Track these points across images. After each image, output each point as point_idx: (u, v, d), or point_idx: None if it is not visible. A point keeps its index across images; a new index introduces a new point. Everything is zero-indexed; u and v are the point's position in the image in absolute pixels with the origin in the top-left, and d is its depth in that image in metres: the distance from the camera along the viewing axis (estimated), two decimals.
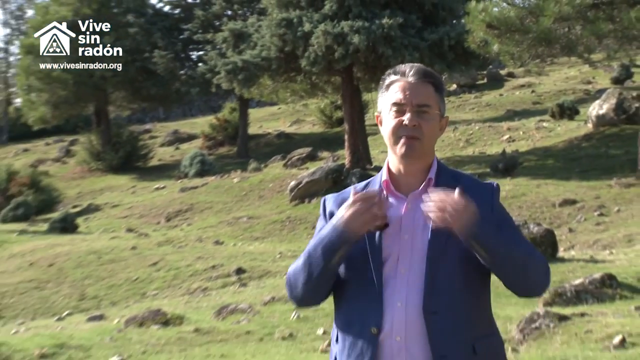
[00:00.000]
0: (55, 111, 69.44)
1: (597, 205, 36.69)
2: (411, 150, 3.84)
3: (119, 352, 20.06)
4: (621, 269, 21.87)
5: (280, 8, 50.95)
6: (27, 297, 30.96)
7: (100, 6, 66.89)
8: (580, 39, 42.51)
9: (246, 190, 50.91)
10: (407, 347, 3.74)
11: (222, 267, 31.83)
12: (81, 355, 20.20)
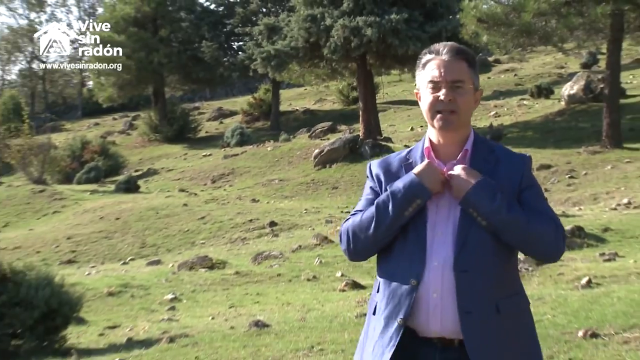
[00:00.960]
0: (120, 92, 69.53)
1: (568, 170, 36.66)
2: (448, 124, 3.77)
3: (173, 291, 20.09)
4: (588, 222, 21.81)
5: (306, 6, 50.98)
6: (98, 245, 31.00)
7: (157, 5, 66.82)
8: (555, 31, 43.22)
9: (277, 157, 50.80)
10: (442, 303, 3.67)
11: (258, 220, 31.82)
12: (142, 293, 20.19)
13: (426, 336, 3.72)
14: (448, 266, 3.67)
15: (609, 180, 33.62)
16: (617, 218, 22.75)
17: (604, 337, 9.70)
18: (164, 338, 13.65)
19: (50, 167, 50.03)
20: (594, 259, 17.82)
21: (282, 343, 11.76)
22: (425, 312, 3.70)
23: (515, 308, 3.79)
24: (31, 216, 38.03)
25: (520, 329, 3.78)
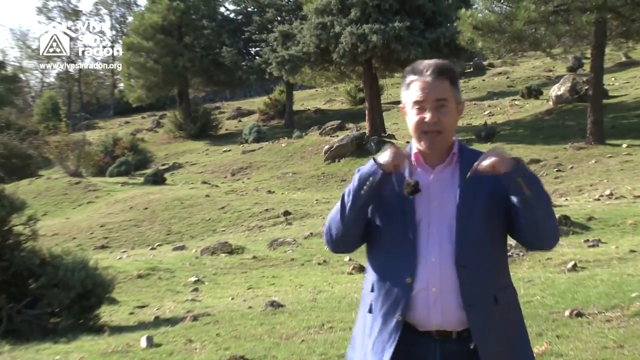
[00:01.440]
0: (148, 93, 69.67)
1: (555, 164, 36.70)
2: (433, 144, 3.71)
3: (196, 274, 20.12)
4: (574, 212, 21.81)
5: (317, 15, 50.95)
6: (128, 232, 31.05)
7: (182, 14, 66.90)
8: (543, 38, 43.42)
9: (291, 153, 50.81)
10: (442, 297, 3.63)
11: (273, 210, 31.83)
12: (168, 276, 20.23)
13: (426, 330, 3.68)
14: (446, 261, 3.64)
15: (592, 173, 33.68)
16: (600, 208, 22.75)
17: (588, 316, 9.69)
18: (188, 317, 13.68)
19: (85, 161, 50.13)
20: (579, 245, 17.85)
21: (295, 321, 11.77)
22: (425, 307, 3.66)
23: (508, 298, 3.77)
24: (68, 206, 38.10)
25: (512, 316, 3.76)
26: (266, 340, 10.75)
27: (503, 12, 42.84)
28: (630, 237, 18.45)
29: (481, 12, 44.25)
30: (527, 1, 40.37)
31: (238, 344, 10.70)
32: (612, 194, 27.03)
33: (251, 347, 10.38)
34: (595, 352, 8.25)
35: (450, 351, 3.65)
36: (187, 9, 67.51)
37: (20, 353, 12.03)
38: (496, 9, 43.40)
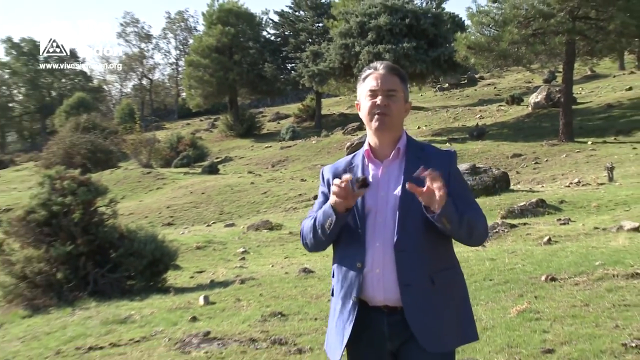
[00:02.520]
0: (205, 100, 69.78)
1: (533, 157, 36.65)
2: (382, 124, 3.66)
3: (243, 246, 20.13)
4: (548, 196, 21.73)
5: (341, 37, 51.13)
6: (189, 212, 31.12)
7: (232, 37, 66.93)
8: (524, 55, 43.76)
9: (320, 148, 50.74)
10: (384, 277, 3.56)
11: (305, 194, 31.81)
12: (221, 247, 20.24)
13: (375, 305, 3.62)
14: (388, 246, 3.57)
15: (564, 165, 33.74)
16: (570, 193, 22.68)
17: (560, 281, 9.65)
18: (237, 280, 13.69)
19: (154, 155, 50.31)
20: (553, 223, 17.77)
21: (323, 284, 11.77)
22: (371, 286, 3.60)
23: (448, 280, 3.68)
24: (141, 191, 38.21)
25: (453, 295, 3.68)
26: (299, 300, 10.75)
27: (491, 34, 43.15)
28: (594, 217, 18.40)
29: (473, 35, 44.52)
30: (511, 26, 41.01)
31: (277, 302, 10.71)
32: (579, 182, 26.99)
33: (287, 305, 10.39)
34: (566, 309, 8.21)
35: (396, 320, 3.58)
36: (237, 33, 67.59)
37: (104, 308, 12.07)
38: (486, 32, 43.75)
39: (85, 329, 10.71)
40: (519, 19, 41.38)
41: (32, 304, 13.87)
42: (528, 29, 41.36)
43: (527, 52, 42.77)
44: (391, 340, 3.63)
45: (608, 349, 6.74)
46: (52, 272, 14.00)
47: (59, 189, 14.37)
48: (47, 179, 14.69)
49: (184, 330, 9.53)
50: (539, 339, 7.29)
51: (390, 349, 3.67)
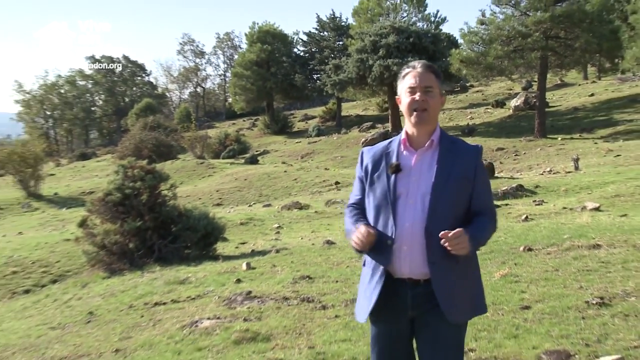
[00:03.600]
0: (247, 104, 69.80)
1: (514, 150, 36.49)
2: (421, 119, 3.53)
3: (278, 222, 20.13)
4: (526, 182, 21.63)
5: (357, 53, 50.91)
6: (234, 195, 31.17)
7: (269, 53, 67.19)
8: (506, 68, 44.12)
9: (340, 143, 50.64)
10: (411, 254, 3.47)
11: (328, 181, 31.78)
12: (259, 223, 20.24)
13: (399, 277, 3.54)
14: (417, 226, 3.47)
15: (538, 157, 33.63)
16: (544, 179, 22.57)
17: (535, 250, 9.60)
18: (273, 250, 13.70)
19: (206, 149, 50.45)
20: (530, 204, 17.72)
21: (343, 253, 11.75)
22: (398, 261, 3.51)
23: (468, 260, 3.54)
24: (195, 178, 38.30)
25: (470, 270, 3.61)
26: (323, 266, 10.75)
27: (480, 51, 43.46)
28: (563, 199, 18.35)
29: (465, 51, 44.82)
30: (495, 44, 41.94)
31: (305, 268, 10.71)
32: (551, 171, 26.90)
33: (314, 270, 10.38)
34: (540, 274, 8.18)
35: (419, 292, 3.51)
36: (273, 50, 67.59)
37: (166, 272, 12.13)
38: (475, 49, 43.92)
39: (152, 288, 10.77)
40: (502, 38, 42.12)
41: (110, 267, 14.01)
42: (509, 46, 42.03)
43: (508, 65, 43.60)
44: (413, 309, 3.57)
45: (574, 306, 6.75)
46: (125, 243, 14.13)
47: (131, 176, 14.46)
48: (121, 168, 14.78)
49: (230, 290, 9.55)
50: (518, 297, 7.27)
51: (410, 317, 3.61)
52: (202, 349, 6.98)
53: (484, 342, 5.96)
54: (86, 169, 54.63)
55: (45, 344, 8.76)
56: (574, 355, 5.47)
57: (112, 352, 7.62)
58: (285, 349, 6.59)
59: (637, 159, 27.03)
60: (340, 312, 7.66)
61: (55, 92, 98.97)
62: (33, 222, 29.43)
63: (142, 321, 8.81)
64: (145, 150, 44.55)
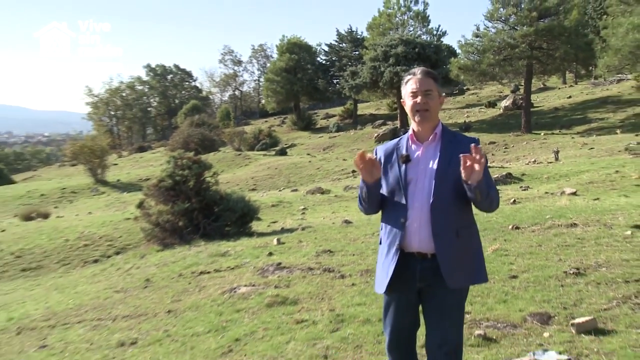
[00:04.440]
0: (277, 105, 69.84)
1: (504, 144, 36.27)
2: (423, 118, 3.55)
3: (303, 204, 20.14)
4: (514, 170, 21.48)
5: (371, 61, 50.80)
6: (266, 181, 31.21)
7: (296, 62, 67.19)
8: (497, 74, 44.55)
9: (356, 138, 50.52)
10: (419, 230, 3.49)
11: (346, 170, 31.75)
12: (288, 206, 20.24)
13: (411, 251, 3.56)
14: (425, 206, 3.49)
15: (524, 149, 33.45)
16: (529, 169, 22.40)
17: (522, 229, 9.55)
18: (299, 228, 13.71)
19: (243, 142, 50.51)
20: (517, 189, 17.59)
21: (359, 231, 11.74)
22: (409, 236, 3.53)
23: (468, 234, 3.58)
24: (234, 167, 38.39)
25: (471, 245, 3.60)
26: (342, 241, 10.74)
27: (475, 59, 43.76)
28: (545, 185, 18.21)
29: (462, 59, 45.02)
30: (488, 53, 42.60)
31: (326, 243, 10.71)
32: (535, 161, 26.73)
33: (334, 245, 10.38)
34: (525, 248, 8.13)
35: (426, 266, 3.51)
36: (299, 59, 67.56)
37: (210, 246, 12.18)
38: (471, 58, 44.22)
39: (198, 260, 10.82)
40: (494, 48, 42.59)
41: (163, 242, 14.10)
42: (500, 56, 42.47)
43: (499, 71, 44.18)
44: (420, 281, 3.58)
45: (554, 275, 6.75)
46: (175, 221, 14.20)
47: (180, 165, 14.51)
48: (172, 159, 14.84)
49: (263, 262, 9.58)
50: (507, 268, 7.24)
51: (418, 288, 3.61)
52: (240, 311, 7.03)
53: (478, 305, 5.99)
54: (143, 160, 54.94)
55: (111, 305, 8.87)
56: (554, 317, 5.51)
57: (165, 312, 7.70)
58: (310, 311, 6.63)
59: (608, 151, 26.88)
60: (357, 281, 7.67)
61: (118, 95, 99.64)
62: (100, 203, 29.68)
63: (189, 287, 8.87)
64: (192, 143, 44.64)
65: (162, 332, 6.81)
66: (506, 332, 5.31)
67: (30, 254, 16.34)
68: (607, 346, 4.74)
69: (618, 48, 35.72)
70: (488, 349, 4.95)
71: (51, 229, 18.84)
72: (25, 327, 8.64)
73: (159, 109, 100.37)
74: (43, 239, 17.68)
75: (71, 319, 8.51)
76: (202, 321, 6.91)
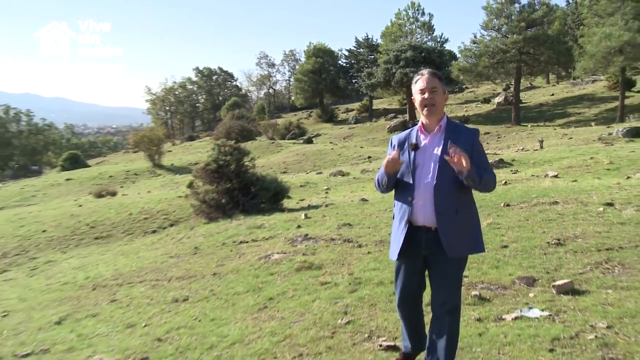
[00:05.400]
0: (305, 101, 69.82)
1: (497, 134, 36.01)
2: (430, 112, 3.56)
3: (327, 185, 20.06)
4: (505, 156, 21.26)
5: (384, 64, 50.61)
6: (295, 165, 31.19)
7: (320, 64, 66.88)
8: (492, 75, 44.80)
9: (371, 129, 50.36)
10: (424, 207, 3.53)
11: (362, 156, 31.61)
12: (314, 186, 20.20)
13: (417, 225, 3.58)
14: (429, 187, 3.50)
15: (514, 139, 33.28)
16: (518, 155, 22.18)
17: (512, 206, 9.47)
18: (323, 205, 13.71)
19: (276, 132, 50.55)
20: (508, 172, 17.42)
21: (374, 207, 11.72)
22: (416, 212, 3.56)
23: (467, 211, 3.58)
24: (268, 153, 38.41)
25: (469, 222, 3.61)
26: (359, 215, 10.73)
27: (472, 62, 43.98)
28: (531, 169, 18.04)
29: (462, 62, 45.21)
30: (484, 57, 43.32)
31: (346, 217, 10.70)
32: (523, 149, 26.51)
33: (352, 219, 10.38)
34: (515, 222, 8.09)
35: (430, 237, 3.53)
36: (323, 62, 67.49)
37: (247, 220, 12.22)
38: (469, 61, 44.44)
39: (238, 231, 10.88)
40: (489, 53, 43.01)
41: (209, 216, 14.18)
42: (494, 59, 42.98)
43: (493, 73, 44.52)
44: (425, 249, 3.60)
45: (539, 245, 6.74)
46: (219, 199, 14.27)
47: (223, 151, 14.56)
48: (216, 146, 14.89)
49: (293, 233, 9.60)
50: (499, 239, 7.20)
51: (423, 255, 3.64)
52: (274, 274, 7.08)
53: (474, 271, 6.01)
54: (192, 147, 55.13)
55: (167, 268, 8.97)
56: (538, 280, 5.54)
57: (211, 275, 7.77)
58: (332, 274, 6.65)
59: (584, 141, 26.59)
60: (372, 250, 7.68)
61: (172, 93, 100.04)
62: (157, 184, 29.92)
63: (231, 254, 8.93)
64: (233, 133, 44.63)
65: (209, 291, 6.88)
66: (498, 293, 5.34)
67: (102, 225, 16.57)
68: (581, 304, 4.78)
69: (593, 54, 36.01)
70: (482, 307, 4.99)
71: (118, 205, 19.06)
72: (98, 285, 8.83)
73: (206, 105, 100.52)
74: (111, 212, 17.90)
75: (134, 279, 8.64)
76: (242, 282, 6.97)
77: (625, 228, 7.24)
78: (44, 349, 5.66)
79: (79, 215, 18.23)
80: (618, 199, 9.28)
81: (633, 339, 4.04)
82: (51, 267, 12.64)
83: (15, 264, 13.95)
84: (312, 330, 4.86)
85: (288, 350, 4.52)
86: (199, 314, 5.96)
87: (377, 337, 4.59)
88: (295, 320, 5.21)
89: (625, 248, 6.34)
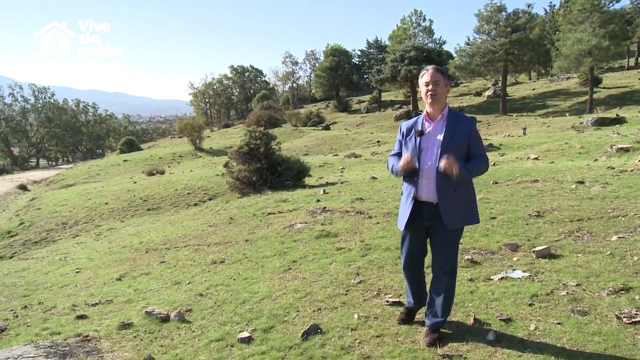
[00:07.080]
0: (323, 93, 70.02)
1: (487, 123, 35.72)
2: (433, 101, 3.51)
3: (342, 165, 19.96)
4: (494, 142, 21.01)
5: (391, 62, 49.92)
6: (314, 149, 31.06)
7: (337, 63, 66.43)
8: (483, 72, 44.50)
9: (380, 117, 49.97)
10: (427, 185, 3.51)
11: (373, 140, 31.42)
12: (331, 166, 20.02)
13: (421, 200, 3.57)
14: (432, 168, 3.47)
15: (501, 127, 32.99)
16: (505, 140, 21.89)
17: (499, 183, 9.39)
18: (339, 182, 13.67)
19: (298, 120, 50.13)
20: (496, 155, 17.22)
21: (383, 184, 11.67)
22: (420, 189, 3.54)
23: (465, 190, 3.53)
24: (291, 138, 38.28)
25: (466, 197, 3.55)
26: (369, 191, 10.69)
27: (466, 61, 43.63)
28: (516, 152, 17.81)
29: (458, 61, 44.68)
30: (476, 57, 43.24)
31: (358, 192, 10.67)
32: (509, 135, 26.17)
33: (364, 194, 10.34)
34: (502, 197, 8.02)
35: (432, 211, 3.53)
36: (339, 60, 67.09)
37: (274, 195, 12.22)
38: (464, 60, 43.99)
39: (266, 204, 10.90)
40: (480, 53, 42.88)
41: (242, 192, 14.20)
42: (485, 58, 42.82)
43: (484, 70, 44.22)
44: (428, 221, 3.60)
45: (522, 217, 6.71)
46: (250, 177, 14.27)
47: (254, 136, 14.53)
48: (248, 132, 14.86)
49: (313, 206, 9.60)
50: (488, 212, 7.15)
51: (426, 226, 3.64)
52: (297, 241, 7.09)
53: (467, 239, 6.00)
54: (228, 133, 55.14)
55: (206, 235, 9.03)
56: (521, 246, 5.55)
57: (244, 241, 7.80)
58: (347, 241, 6.65)
59: (560, 129, 26.42)
60: (380, 220, 7.66)
61: (211, 88, 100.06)
62: (198, 164, 30.06)
63: (260, 224, 8.96)
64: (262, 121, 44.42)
65: (242, 255, 6.92)
66: (487, 257, 5.33)
67: (153, 199, 16.72)
68: (556, 266, 4.82)
69: (567, 55, 37.50)
70: (474, 269, 4.99)
71: (166, 182, 19.21)
72: (150, 249, 8.92)
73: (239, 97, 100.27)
74: (160, 188, 18.05)
75: (180, 244, 8.72)
76: (269, 248, 7.00)
77: (593, 202, 7.26)
78: (108, 299, 5.77)
79: (134, 191, 18.46)
80: (587, 177, 9.27)
81: (597, 294, 4.13)
82: (112, 233, 12.85)
83: (84, 230, 14.24)
84: (329, 288, 4.88)
85: (309, 305, 4.56)
86: (233, 274, 6.00)
87: (385, 294, 4.62)
88: (315, 280, 5.23)
89: (593, 219, 6.38)
